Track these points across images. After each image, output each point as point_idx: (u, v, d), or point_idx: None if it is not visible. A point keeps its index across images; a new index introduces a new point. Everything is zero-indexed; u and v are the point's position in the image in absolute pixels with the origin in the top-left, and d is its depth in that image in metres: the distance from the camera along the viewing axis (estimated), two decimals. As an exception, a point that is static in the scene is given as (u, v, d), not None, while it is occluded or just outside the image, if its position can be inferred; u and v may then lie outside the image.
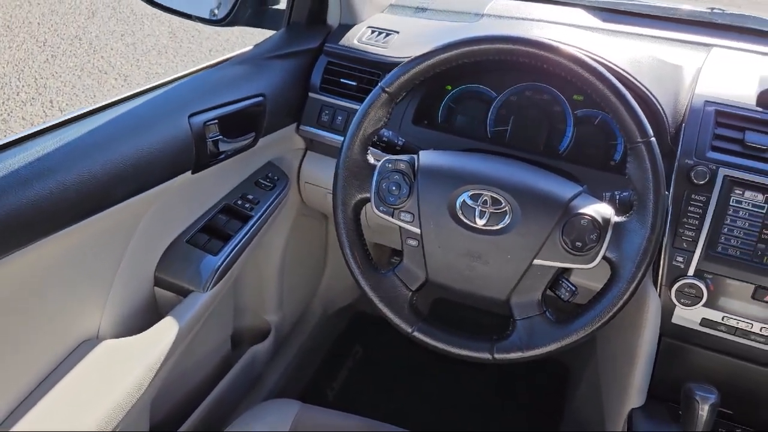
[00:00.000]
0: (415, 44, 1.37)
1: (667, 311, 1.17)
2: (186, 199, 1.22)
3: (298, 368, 1.85)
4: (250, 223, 1.30)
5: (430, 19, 1.53)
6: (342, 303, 2.08)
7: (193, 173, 1.16)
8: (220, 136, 1.18)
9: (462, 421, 1.89)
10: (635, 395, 1.24)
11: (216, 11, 1.42)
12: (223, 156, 1.22)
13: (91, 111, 1.05)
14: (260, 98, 1.27)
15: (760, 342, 1.12)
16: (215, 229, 1.26)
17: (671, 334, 1.20)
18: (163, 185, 1.09)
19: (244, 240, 1.27)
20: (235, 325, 1.58)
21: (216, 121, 1.16)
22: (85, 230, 0.96)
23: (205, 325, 1.25)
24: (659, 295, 1.16)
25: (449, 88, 1.41)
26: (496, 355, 0.99)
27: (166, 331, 1.10)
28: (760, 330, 1.11)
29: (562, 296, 1.02)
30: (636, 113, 0.92)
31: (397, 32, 1.44)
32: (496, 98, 1.38)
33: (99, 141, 0.97)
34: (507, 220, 0.96)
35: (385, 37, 1.43)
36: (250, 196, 1.33)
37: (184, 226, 1.25)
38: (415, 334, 1.03)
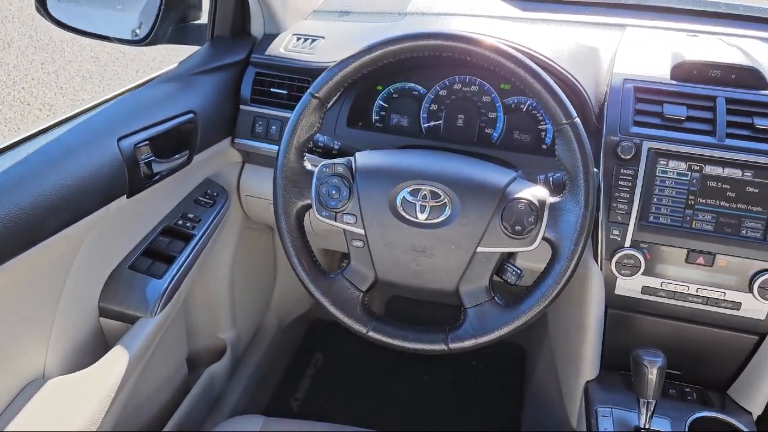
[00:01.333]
0: (341, 48, 1.38)
1: (609, 283, 1.22)
2: (124, 224, 1.19)
3: (259, 383, 1.83)
4: (193, 242, 1.28)
5: (355, 22, 1.55)
6: (297, 312, 2.07)
7: (128, 197, 1.13)
8: (153, 157, 1.16)
9: (429, 415, 1.91)
10: (589, 368, 1.28)
11: (138, 31, 1.39)
12: (158, 177, 1.19)
13: (14, 143, 1.01)
14: (191, 115, 1.26)
15: (697, 303, 1.18)
16: (157, 252, 1.24)
17: (616, 305, 1.25)
18: (98, 213, 1.06)
19: (188, 260, 1.25)
20: (190, 346, 1.56)
21: (147, 142, 1.14)
22: (19, 266, 0.93)
23: (157, 350, 1.23)
24: (601, 269, 1.21)
25: (380, 88, 1.43)
26: (451, 345, 1.00)
27: (116, 362, 1.07)
28: (696, 291, 1.17)
29: (509, 280, 1.04)
30: (559, 97, 0.95)
31: (323, 37, 1.44)
32: (427, 94, 1.40)
33: (25, 174, 0.94)
34: (447, 211, 0.98)
35: (311, 43, 1.43)
36: (191, 215, 1.31)
37: (125, 252, 1.22)
38: (370, 333, 1.04)
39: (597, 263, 1.21)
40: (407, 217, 0.99)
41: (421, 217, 0.99)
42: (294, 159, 1.05)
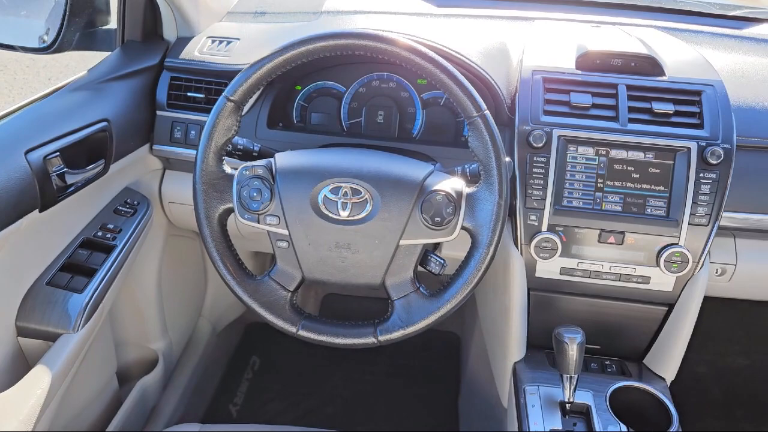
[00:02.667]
0: (256, 49, 1.37)
1: (530, 267, 1.27)
2: (38, 239, 1.15)
3: (195, 391, 1.80)
4: (115, 253, 1.25)
5: (270, 23, 1.54)
6: (231, 317, 2.05)
7: (41, 211, 1.09)
8: (65, 169, 1.12)
9: (368, 410, 1.93)
10: (516, 349, 1.33)
11: (45, 37, 1.34)
12: (72, 189, 1.16)
13: None
14: (104, 123, 1.23)
15: (611, 279, 1.25)
16: (77, 266, 1.20)
17: (538, 287, 1.30)
18: (9, 229, 1.02)
19: (110, 272, 1.22)
20: (120, 359, 1.52)
21: (57, 153, 1.10)
22: None
23: (83, 366, 1.19)
24: (521, 253, 1.26)
25: (299, 88, 1.43)
26: (381, 338, 1.02)
27: (37, 381, 1.04)
28: (609, 269, 1.24)
29: (433, 270, 1.07)
30: (468, 90, 0.98)
31: (238, 39, 1.43)
32: (346, 92, 1.42)
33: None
34: (369, 207, 1.00)
35: (226, 45, 1.42)
36: (111, 226, 1.28)
37: (42, 268, 1.18)
38: (300, 332, 1.05)
39: (517, 248, 1.26)
40: (329, 215, 1.00)
41: (343, 215, 1.00)
42: (213, 163, 1.04)
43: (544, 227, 1.22)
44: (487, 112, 0.98)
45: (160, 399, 1.65)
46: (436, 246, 1.33)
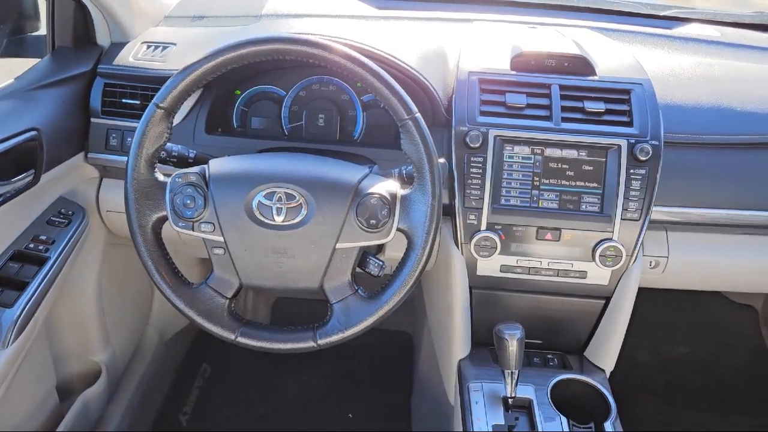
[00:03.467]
0: (193, 54, 1.35)
1: (471, 265, 1.29)
2: (-35, 253, 1.11)
3: (143, 402, 1.77)
4: (48, 265, 1.21)
5: (208, 27, 1.52)
6: (180, 325, 2.01)
7: None
8: (-8, 180, 1.09)
9: (321, 413, 1.93)
10: (460, 347, 1.35)
11: (-31, 45, 1.30)
12: (0, 200, 1.12)
13: None
14: (33, 132, 1.19)
15: (549, 275, 1.28)
16: (7, 280, 1.16)
17: (480, 285, 1.32)
18: None
19: (43, 284, 1.19)
20: (60, 373, 1.48)
21: None
22: None
23: (17, 381, 1.16)
24: (462, 252, 1.27)
25: (238, 92, 1.42)
26: (320, 341, 1.02)
27: None
28: (548, 265, 1.27)
29: (372, 272, 1.08)
30: (399, 94, 0.99)
31: (174, 44, 1.41)
32: (286, 96, 1.41)
33: None
34: (304, 212, 1.00)
35: (162, 50, 1.39)
36: (43, 237, 1.25)
37: None
38: (239, 339, 1.04)
39: (458, 247, 1.28)
40: (265, 220, 1.00)
41: (279, 220, 1.00)
42: (144, 171, 1.02)
43: (483, 226, 1.24)
44: (418, 114, 0.99)
45: (105, 411, 1.61)
46: (380, 248, 1.34)
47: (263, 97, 1.42)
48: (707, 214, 1.30)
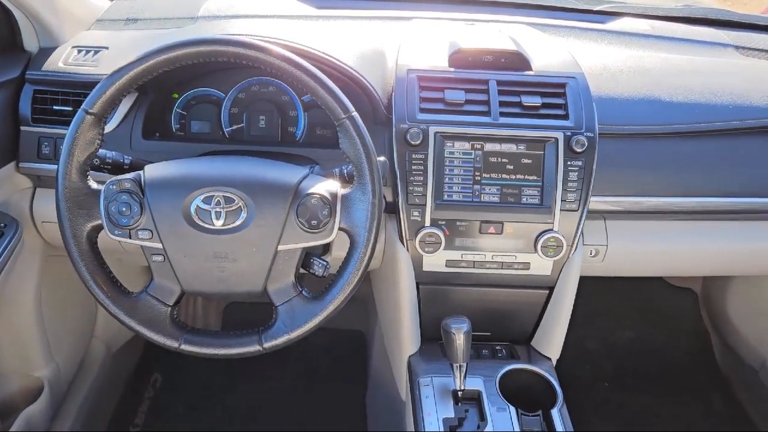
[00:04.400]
0: (126, 58, 1.32)
1: (417, 261, 1.30)
2: None
3: (90, 416, 1.72)
4: None
5: (142, 30, 1.49)
6: (128, 335, 1.96)
7: None
8: None
9: (277, 417, 1.91)
10: (409, 343, 1.36)
11: None
12: None
13: None
14: None
15: (494, 268, 1.30)
16: None
17: (426, 281, 1.33)
18: None
19: (-24, 300, 1.15)
20: (0, 391, 1.42)
21: None
22: None
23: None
24: (407, 249, 1.28)
25: (176, 96, 1.39)
26: (266, 345, 1.02)
27: None
28: (492, 258, 1.29)
29: (317, 273, 1.08)
30: (334, 93, 0.99)
31: (107, 48, 1.37)
32: (225, 98, 1.40)
33: None
34: (243, 215, 0.99)
35: (93, 55, 1.36)
36: None
37: None
38: (183, 347, 1.02)
39: (403, 244, 1.28)
40: (204, 225, 0.99)
41: (218, 224, 0.98)
42: (76, 179, 1.00)
43: (427, 222, 1.25)
44: (354, 113, 0.99)
45: (50, 428, 1.56)
46: (326, 248, 1.34)
47: (202, 100, 1.40)
48: (643, 203, 1.34)
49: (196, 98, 1.40)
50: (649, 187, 1.34)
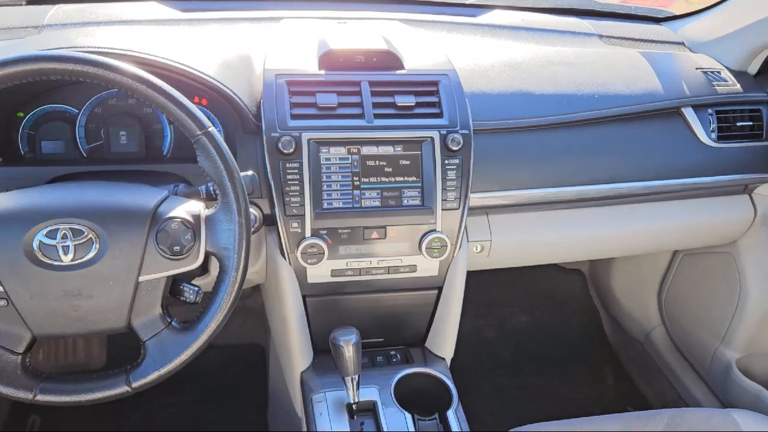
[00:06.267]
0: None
1: (301, 274, 1.25)
2: None
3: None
4: None
5: (-22, 42, 1.34)
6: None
7: None
8: None
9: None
10: (300, 359, 1.31)
11: None
12: None
13: None
14: None
15: (381, 273, 1.27)
16: None
17: (312, 293, 1.29)
18: None
19: None
20: None
21: None
22: None
23: None
24: (289, 262, 1.23)
25: (21, 114, 1.26)
26: (134, 384, 0.94)
27: None
28: (378, 263, 1.26)
29: (189, 300, 1.00)
30: (187, 108, 0.91)
31: None
32: (79, 114, 1.28)
33: None
34: (96, 247, 0.90)
35: None
36: None
37: None
38: (38, 398, 0.92)
39: (285, 257, 1.23)
40: (50, 262, 0.89)
41: (67, 260, 0.89)
42: None
43: (308, 233, 1.20)
44: (211, 129, 0.93)
45: None
46: (203, 269, 1.26)
47: (53, 118, 1.27)
48: (522, 195, 1.36)
49: (45, 116, 1.27)
50: (526, 180, 1.35)
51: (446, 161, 1.23)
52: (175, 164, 1.24)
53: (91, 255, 0.90)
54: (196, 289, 1.01)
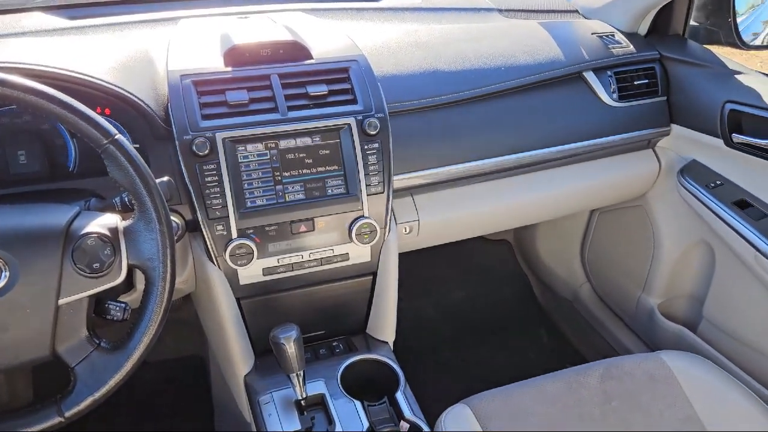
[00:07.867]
0: None
1: (232, 276, 1.22)
2: None
3: None
4: None
5: None
6: None
7: None
8: None
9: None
10: (242, 363, 1.28)
11: None
12: None
13: None
14: None
15: (314, 266, 1.26)
16: None
17: (246, 294, 1.26)
18: None
19: None
20: None
21: None
22: None
23: None
24: (218, 266, 1.20)
25: None
26: (67, 414, 0.89)
27: None
28: (309, 257, 1.25)
29: (117, 317, 0.96)
30: (89, 117, 0.87)
31: None
32: None
33: None
34: (5, 275, 0.84)
35: None
36: None
37: None
38: None
39: (213, 262, 1.20)
40: None
41: (-25, 292, 0.83)
42: None
43: (234, 234, 1.18)
44: (118, 136, 0.89)
45: None
46: (129, 284, 1.20)
47: None
48: (442, 172, 1.38)
49: None
50: (445, 157, 1.37)
51: (366, 146, 1.23)
52: (84, 179, 1.18)
53: (1, 284, 0.84)
54: (123, 305, 0.97)
